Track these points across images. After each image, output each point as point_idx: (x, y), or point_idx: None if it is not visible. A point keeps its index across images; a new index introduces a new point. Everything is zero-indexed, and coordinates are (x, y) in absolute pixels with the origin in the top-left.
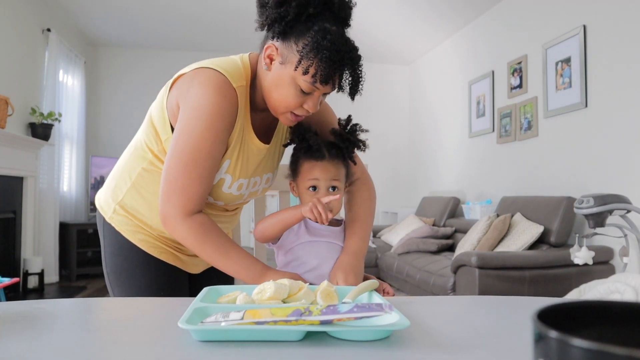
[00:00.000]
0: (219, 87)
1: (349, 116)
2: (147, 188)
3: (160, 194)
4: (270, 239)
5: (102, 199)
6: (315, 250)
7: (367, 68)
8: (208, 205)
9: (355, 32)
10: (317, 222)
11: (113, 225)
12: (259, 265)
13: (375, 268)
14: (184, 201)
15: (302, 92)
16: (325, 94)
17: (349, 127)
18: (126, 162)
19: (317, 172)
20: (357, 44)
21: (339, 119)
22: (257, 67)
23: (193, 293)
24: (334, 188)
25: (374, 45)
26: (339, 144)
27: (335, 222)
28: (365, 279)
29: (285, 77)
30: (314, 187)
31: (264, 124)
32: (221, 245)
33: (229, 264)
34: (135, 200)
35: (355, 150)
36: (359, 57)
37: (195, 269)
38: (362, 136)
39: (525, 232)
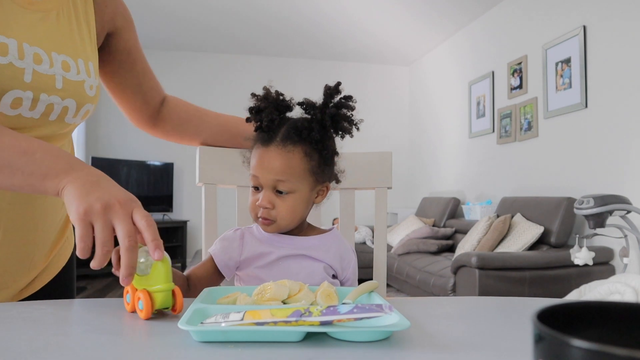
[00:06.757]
0: None
1: (338, 83)
2: None
3: None
4: None
5: None
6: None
7: (367, 69)
8: None
9: (356, 32)
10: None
11: None
12: (63, 159)
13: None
14: None
15: None
16: None
17: (335, 99)
18: None
19: (257, 163)
20: (357, 44)
21: (326, 85)
22: None
23: None
24: (280, 192)
25: (374, 45)
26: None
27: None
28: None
29: None
30: (257, 188)
31: None
32: None
33: None
34: None
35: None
36: None
37: None
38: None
39: (525, 233)
